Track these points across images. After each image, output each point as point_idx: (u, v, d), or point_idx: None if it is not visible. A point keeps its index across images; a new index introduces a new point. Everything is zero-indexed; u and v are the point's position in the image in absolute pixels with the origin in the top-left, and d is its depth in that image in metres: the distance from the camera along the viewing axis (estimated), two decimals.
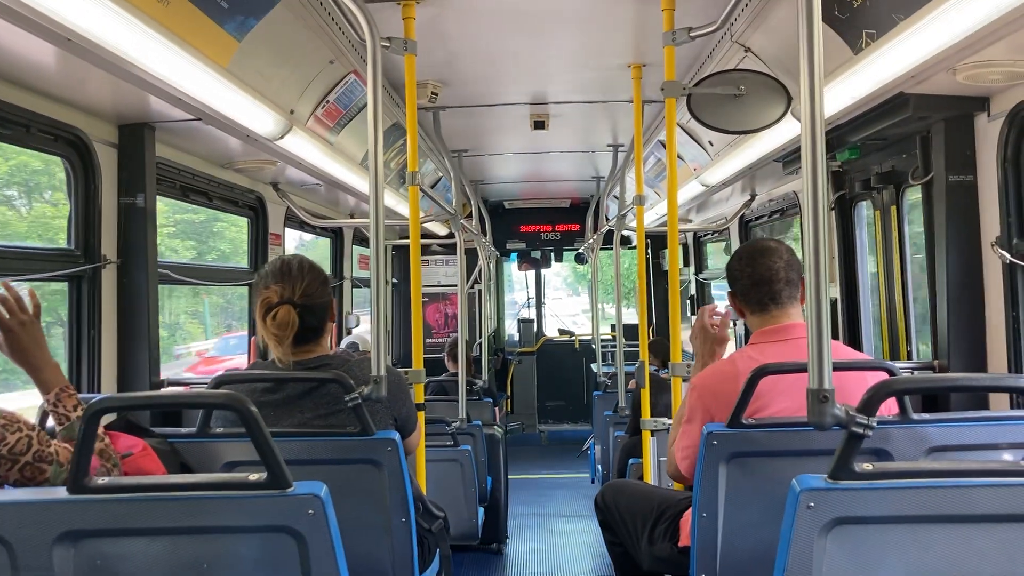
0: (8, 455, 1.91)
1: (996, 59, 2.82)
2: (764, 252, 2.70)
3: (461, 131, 6.26)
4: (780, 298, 2.67)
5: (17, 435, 1.93)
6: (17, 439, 1.93)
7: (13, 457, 1.92)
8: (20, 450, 1.93)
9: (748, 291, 2.70)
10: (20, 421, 1.98)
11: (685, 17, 3.43)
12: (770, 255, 2.69)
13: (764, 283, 2.67)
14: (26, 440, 1.95)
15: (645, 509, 3.01)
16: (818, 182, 1.76)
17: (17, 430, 1.94)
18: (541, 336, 11.65)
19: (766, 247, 2.73)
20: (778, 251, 2.70)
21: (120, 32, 2.42)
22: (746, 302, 2.73)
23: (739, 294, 2.74)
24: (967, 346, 3.53)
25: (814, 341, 1.72)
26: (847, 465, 1.65)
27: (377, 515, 2.45)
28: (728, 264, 2.80)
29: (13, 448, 1.92)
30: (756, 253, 2.72)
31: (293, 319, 2.50)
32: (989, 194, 3.42)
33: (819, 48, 1.74)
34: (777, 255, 2.68)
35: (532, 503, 7.38)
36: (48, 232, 3.98)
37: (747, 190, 6.34)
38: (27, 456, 1.94)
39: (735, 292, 2.76)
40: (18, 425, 1.95)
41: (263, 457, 1.66)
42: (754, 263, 2.69)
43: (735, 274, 2.74)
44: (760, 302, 2.69)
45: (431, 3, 3.57)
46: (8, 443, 1.92)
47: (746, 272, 2.70)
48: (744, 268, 2.71)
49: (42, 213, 4.04)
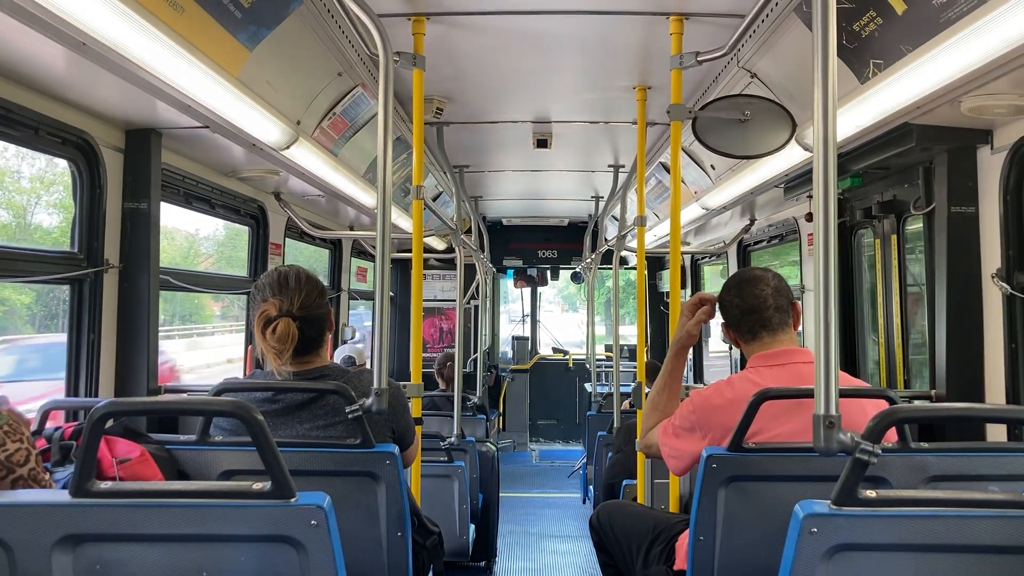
0: (5, 462, 1.88)
1: (1001, 93, 2.85)
2: (751, 281, 2.72)
3: (464, 147, 6.28)
4: (771, 324, 2.68)
5: (17, 445, 1.90)
6: (16, 448, 1.89)
7: (9, 466, 1.89)
8: (18, 461, 1.89)
9: (739, 321, 2.72)
10: (24, 433, 1.94)
11: (693, 41, 3.46)
12: (757, 283, 2.70)
13: (754, 311, 2.68)
14: (25, 453, 1.92)
15: (640, 531, 3.00)
16: (829, 207, 1.78)
17: (19, 440, 1.91)
18: (535, 354, 11.65)
19: (753, 275, 2.75)
20: (765, 279, 2.71)
21: (135, 37, 2.43)
22: (739, 331, 2.74)
23: (731, 325, 2.76)
24: (964, 377, 3.54)
25: (821, 367, 1.72)
26: (851, 491, 1.65)
27: (373, 528, 2.44)
28: (719, 296, 2.81)
29: (11, 456, 1.88)
30: (743, 283, 2.74)
31: (293, 332, 2.49)
32: (990, 226, 3.45)
33: (833, 78, 1.75)
34: (764, 283, 2.70)
35: (522, 522, 7.34)
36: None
37: (747, 214, 6.38)
38: (22, 470, 1.90)
39: (727, 323, 2.77)
40: (20, 436, 1.92)
41: (268, 466, 1.65)
42: (742, 292, 2.71)
43: (725, 305, 2.76)
44: (752, 330, 2.70)
45: (441, 20, 3.60)
46: (8, 451, 1.88)
47: (735, 302, 2.72)
48: (733, 299, 2.73)
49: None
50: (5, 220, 4.75)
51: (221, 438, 2.51)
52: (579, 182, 7.99)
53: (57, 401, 2.59)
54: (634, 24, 3.65)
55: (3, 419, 1.90)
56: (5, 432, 1.89)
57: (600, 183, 7.87)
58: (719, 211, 5.82)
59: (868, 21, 2.84)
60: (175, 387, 3.97)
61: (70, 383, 3.40)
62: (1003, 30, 2.25)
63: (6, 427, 1.89)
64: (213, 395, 2.48)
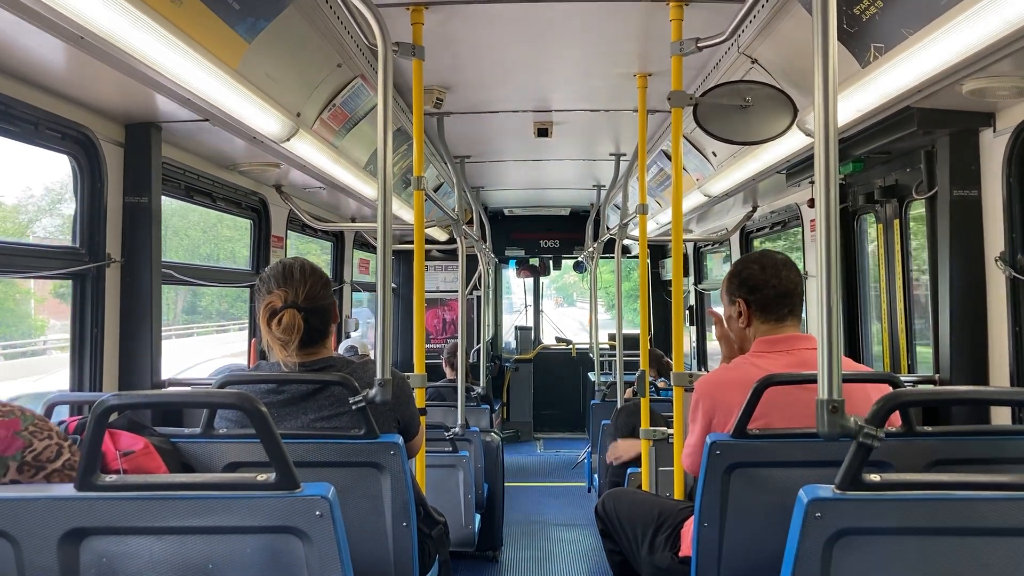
0: (33, 462, 1.90)
1: (1003, 75, 2.83)
2: (786, 265, 2.76)
3: (464, 137, 6.26)
4: (795, 311, 2.74)
5: (46, 442, 1.92)
6: (45, 446, 1.92)
7: (39, 464, 1.91)
8: (48, 457, 1.91)
9: (770, 302, 2.72)
10: (52, 429, 1.96)
11: (693, 28, 3.44)
12: (791, 269, 2.75)
13: (787, 296, 2.72)
14: (55, 448, 1.94)
15: (646, 518, 3.01)
16: (831, 193, 1.77)
17: (47, 437, 1.93)
18: (538, 344, 11.65)
19: (787, 260, 2.78)
20: (794, 266, 2.77)
21: (133, 31, 2.42)
22: (762, 311, 2.74)
23: (756, 303, 2.74)
24: (969, 360, 3.53)
25: (824, 352, 1.72)
26: (855, 476, 1.66)
27: (379, 518, 2.45)
28: (746, 272, 2.78)
29: (39, 455, 1.91)
30: (780, 265, 2.75)
31: (298, 323, 2.51)
32: (993, 210, 3.44)
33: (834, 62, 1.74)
34: (796, 270, 2.76)
35: (528, 511, 7.36)
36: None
37: (749, 201, 6.36)
38: (56, 464, 1.93)
39: (752, 302, 2.75)
40: (48, 433, 1.94)
41: (272, 458, 1.66)
42: (779, 275, 2.73)
43: (757, 284, 2.74)
44: (778, 313, 2.73)
45: (439, 10, 3.58)
46: (35, 449, 1.90)
47: (771, 283, 2.72)
48: (770, 279, 2.73)
49: None
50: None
51: (225, 430, 2.52)
52: (580, 171, 7.98)
53: (61, 395, 2.60)
54: (634, 11, 3.64)
55: (28, 420, 1.93)
56: (31, 432, 1.91)
57: (601, 172, 7.85)
58: (721, 198, 5.81)
59: (869, 4, 2.82)
60: (179, 380, 3.98)
61: (74, 377, 3.40)
62: (1006, 10, 2.24)
63: (31, 427, 1.92)
64: (217, 387, 2.49)
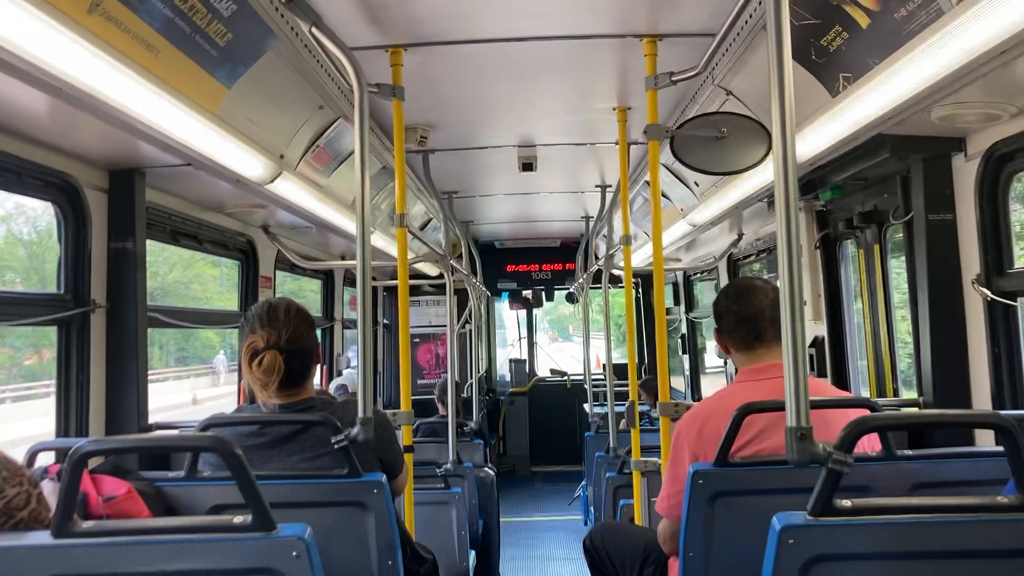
0: (3, 509, 1.89)
1: (970, 101, 2.88)
2: (750, 290, 2.74)
3: (451, 173, 6.31)
4: (765, 336, 2.69)
5: (17, 489, 1.89)
6: (16, 493, 1.89)
7: (8, 512, 1.89)
8: (17, 505, 1.89)
9: (733, 329, 2.73)
10: (24, 476, 1.94)
11: (668, 62, 3.49)
12: (756, 293, 2.72)
13: (749, 320, 2.69)
14: (25, 496, 1.92)
15: (633, 551, 3.01)
16: (791, 223, 1.79)
17: (18, 484, 1.90)
18: (533, 376, 11.63)
19: (752, 285, 2.76)
20: (764, 290, 2.73)
21: (110, 80, 2.45)
22: (731, 340, 2.75)
23: (725, 331, 2.77)
24: (951, 383, 3.55)
25: (791, 379, 1.74)
26: (827, 502, 1.67)
27: (364, 558, 2.44)
28: (715, 301, 2.82)
29: (10, 502, 1.88)
30: (743, 291, 2.75)
31: (279, 364, 2.52)
32: (968, 232, 3.47)
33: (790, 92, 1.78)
34: (763, 294, 2.71)
35: (524, 545, 7.32)
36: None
37: (734, 229, 6.41)
38: (22, 513, 1.91)
39: (721, 329, 2.78)
40: (20, 479, 1.92)
41: (247, 499, 1.67)
42: (740, 301, 2.72)
43: (721, 311, 2.77)
44: (745, 340, 2.71)
45: (418, 51, 3.64)
46: (7, 496, 1.88)
47: (731, 309, 2.73)
48: (730, 305, 2.74)
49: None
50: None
51: (210, 472, 2.52)
52: (568, 202, 8.04)
53: (44, 443, 2.60)
54: (610, 47, 3.70)
55: (2, 464, 1.90)
56: (4, 478, 1.89)
57: (589, 203, 7.91)
58: (706, 227, 5.85)
59: (835, 36, 2.88)
60: (166, 423, 3.98)
61: (60, 423, 3.40)
62: (962, 41, 2.29)
63: (5, 472, 1.90)
64: (199, 430, 2.49)
